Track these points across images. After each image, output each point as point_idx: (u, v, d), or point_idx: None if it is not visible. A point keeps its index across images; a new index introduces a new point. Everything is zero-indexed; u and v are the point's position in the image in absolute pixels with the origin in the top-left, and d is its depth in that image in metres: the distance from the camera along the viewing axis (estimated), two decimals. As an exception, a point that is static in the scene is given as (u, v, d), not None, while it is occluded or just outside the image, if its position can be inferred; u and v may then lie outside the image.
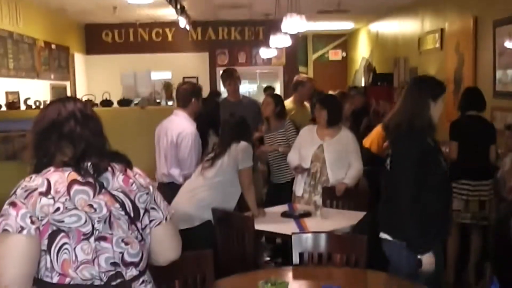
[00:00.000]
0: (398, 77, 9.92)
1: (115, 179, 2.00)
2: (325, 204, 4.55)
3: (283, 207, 4.54)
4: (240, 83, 5.95)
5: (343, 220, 4.09)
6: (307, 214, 4.22)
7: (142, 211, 2.04)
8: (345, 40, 14.60)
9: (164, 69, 11.67)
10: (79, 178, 1.93)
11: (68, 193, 1.89)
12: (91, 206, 1.92)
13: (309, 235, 3.31)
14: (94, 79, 11.48)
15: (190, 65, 11.95)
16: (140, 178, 2.08)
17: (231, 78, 5.83)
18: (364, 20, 12.11)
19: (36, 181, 1.90)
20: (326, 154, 4.75)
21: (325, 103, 4.90)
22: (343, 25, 12.68)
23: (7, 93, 7.33)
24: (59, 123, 2.00)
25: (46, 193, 1.87)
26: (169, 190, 4.41)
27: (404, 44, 9.94)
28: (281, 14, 7.52)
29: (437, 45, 8.15)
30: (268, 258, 5.20)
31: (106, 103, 6.20)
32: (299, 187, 4.83)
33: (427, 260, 2.93)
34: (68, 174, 1.93)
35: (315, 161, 4.79)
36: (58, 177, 1.91)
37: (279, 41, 8.39)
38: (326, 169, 4.74)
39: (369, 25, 12.42)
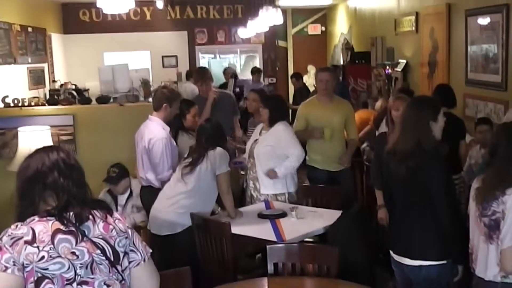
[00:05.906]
0: (376, 56, 10.02)
1: (95, 227, 2.13)
2: (301, 202, 4.71)
3: (261, 206, 4.67)
4: (212, 81, 5.97)
5: (318, 221, 4.23)
6: (283, 215, 4.35)
7: (121, 255, 2.18)
8: (324, 15, 14.56)
9: (143, 48, 11.63)
10: (62, 227, 2.07)
11: (52, 242, 2.03)
12: (73, 253, 2.06)
13: (283, 246, 3.49)
14: (72, 59, 11.37)
15: (169, 44, 11.93)
16: (120, 223, 2.21)
17: (203, 79, 5.82)
18: (343, -5, 12.13)
19: (22, 229, 2.03)
20: (256, 148, 4.85)
21: (268, 104, 4.92)
22: (322, 0, 12.67)
23: (-15, 82, 7.33)
24: (43, 174, 2.12)
25: (32, 242, 2.01)
26: (148, 193, 4.57)
27: (381, 24, 9.98)
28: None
29: (413, 28, 8.22)
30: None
31: (85, 100, 6.25)
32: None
33: (461, 270, 3.08)
34: (52, 223, 2.06)
35: (251, 156, 4.91)
36: (43, 227, 2.05)
37: (257, 27, 8.42)
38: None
39: (347, 0, 12.43)
